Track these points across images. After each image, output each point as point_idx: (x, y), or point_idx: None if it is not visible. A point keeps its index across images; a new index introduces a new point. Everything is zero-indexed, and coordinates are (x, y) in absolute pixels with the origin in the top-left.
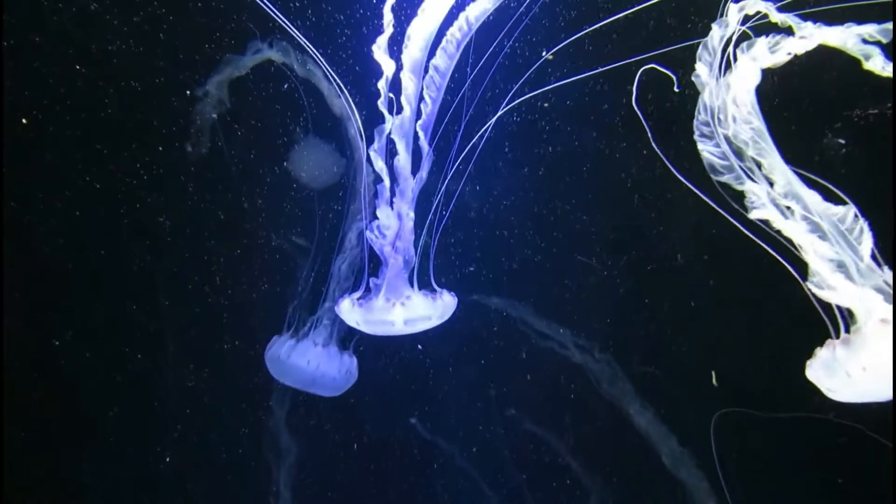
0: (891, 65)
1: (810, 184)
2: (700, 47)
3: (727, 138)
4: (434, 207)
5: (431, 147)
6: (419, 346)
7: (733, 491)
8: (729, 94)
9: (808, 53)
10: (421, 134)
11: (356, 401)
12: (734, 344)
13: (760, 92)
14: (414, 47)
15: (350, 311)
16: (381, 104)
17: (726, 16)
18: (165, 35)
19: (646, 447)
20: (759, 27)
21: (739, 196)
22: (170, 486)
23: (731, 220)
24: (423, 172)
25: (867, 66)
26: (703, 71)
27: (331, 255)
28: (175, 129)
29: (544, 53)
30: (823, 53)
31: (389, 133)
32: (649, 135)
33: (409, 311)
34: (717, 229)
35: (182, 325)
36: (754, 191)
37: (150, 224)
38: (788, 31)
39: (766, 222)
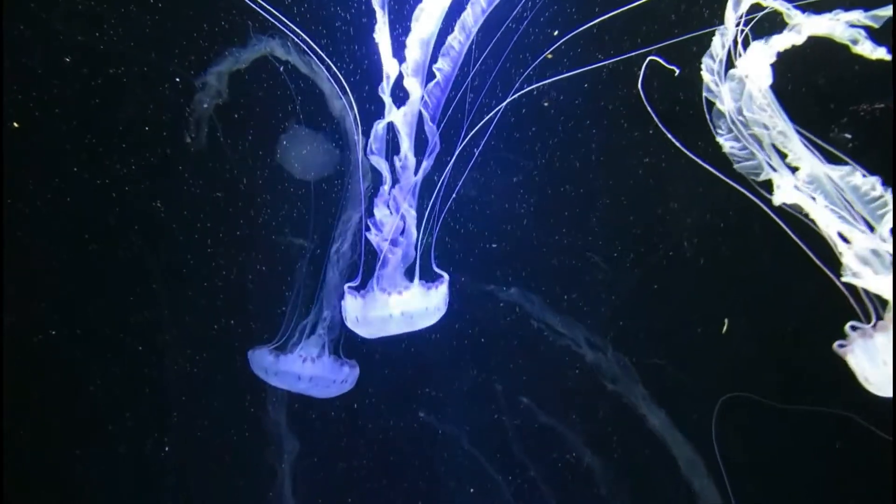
0: (880, 49)
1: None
2: (704, 57)
3: (753, 137)
4: (434, 198)
5: (438, 130)
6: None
7: (735, 480)
8: (742, 100)
9: (814, 48)
10: (427, 119)
11: (362, 393)
12: (746, 333)
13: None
14: (421, 29)
15: (349, 306)
16: (383, 91)
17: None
18: (158, 24)
19: (659, 443)
20: (758, 29)
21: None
22: (169, 475)
23: (761, 204)
24: (427, 162)
25: (855, 50)
26: (710, 80)
27: (328, 251)
28: (166, 119)
29: (556, 33)
30: (830, 47)
31: (390, 125)
32: (657, 120)
33: (406, 301)
34: (730, 217)
35: (178, 310)
36: (783, 184)
37: (145, 209)
38: (782, 27)
39: (795, 208)
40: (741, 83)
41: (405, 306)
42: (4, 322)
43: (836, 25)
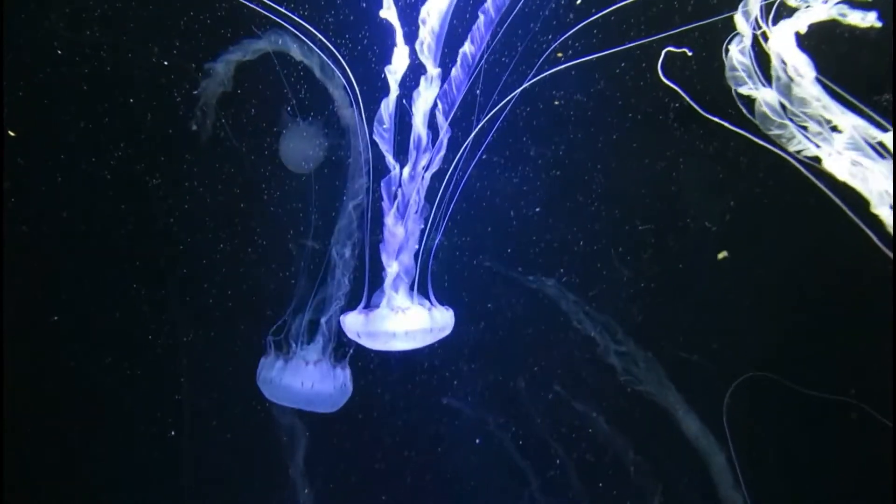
0: (871, 14)
1: None
2: (726, 69)
3: (798, 123)
4: (444, 185)
5: (448, 119)
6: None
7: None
8: (793, 96)
9: (833, 38)
10: (439, 105)
11: (380, 383)
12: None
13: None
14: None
15: (352, 322)
16: (389, 71)
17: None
18: (161, 14)
19: (687, 440)
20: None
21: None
22: (173, 469)
23: (806, 173)
24: (439, 152)
25: (846, 21)
26: (742, 90)
27: (328, 252)
28: (165, 105)
29: (573, 7)
30: (850, 38)
31: (399, 115)
32: (688, 99)
33: (410, 321)
34: (750, 204)
35: (177, 287)
36: (837, 164)
37: (140, 187)
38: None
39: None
40: (787, 81)
41: (409, 326)
42: (5, 312)
43: (825, 9)
